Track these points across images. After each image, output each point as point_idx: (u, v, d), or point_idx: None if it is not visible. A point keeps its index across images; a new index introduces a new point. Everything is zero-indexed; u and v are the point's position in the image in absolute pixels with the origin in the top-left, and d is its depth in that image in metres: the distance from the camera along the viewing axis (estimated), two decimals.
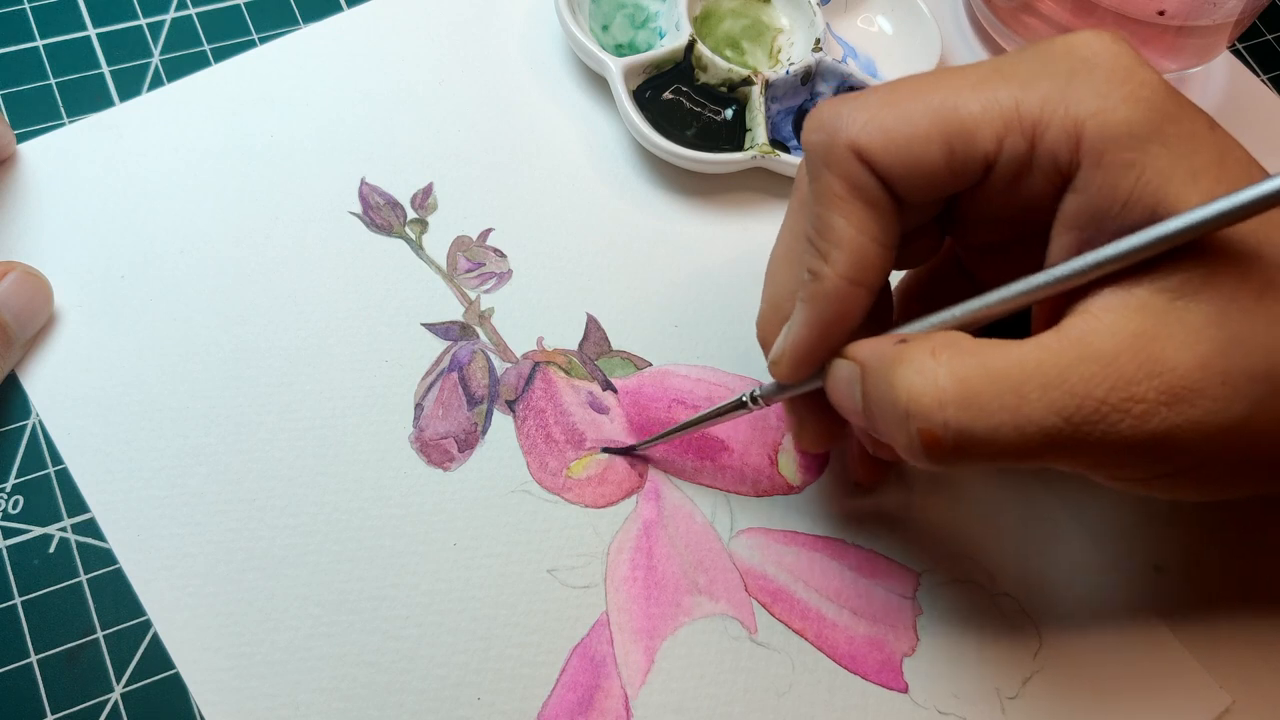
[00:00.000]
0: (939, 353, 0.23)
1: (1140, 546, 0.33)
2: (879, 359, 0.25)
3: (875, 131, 0.24)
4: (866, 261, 0.25)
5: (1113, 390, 0.22)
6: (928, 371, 0.23)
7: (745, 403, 0.30)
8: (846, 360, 0.26)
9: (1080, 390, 0.22)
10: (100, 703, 0.29)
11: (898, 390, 0.23)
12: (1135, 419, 0.22)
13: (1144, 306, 0.23)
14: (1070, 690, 0.31)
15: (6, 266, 0.32)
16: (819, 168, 0.25)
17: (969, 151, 0.24)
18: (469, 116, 0.39)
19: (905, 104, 0.25)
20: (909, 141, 0.24)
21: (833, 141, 0.25)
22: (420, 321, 0.35)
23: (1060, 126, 0.23)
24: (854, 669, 0.31)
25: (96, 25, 0.39)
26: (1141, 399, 0.22)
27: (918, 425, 0.23)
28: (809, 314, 0.26)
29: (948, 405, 0.23)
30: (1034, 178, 0.24)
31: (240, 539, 0.31)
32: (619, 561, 0.32)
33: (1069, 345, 0.23)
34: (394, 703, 0.29)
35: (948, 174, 0.25)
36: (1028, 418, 0.22)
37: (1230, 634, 0.32)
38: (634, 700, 0.30)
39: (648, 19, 0.41)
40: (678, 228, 0.38)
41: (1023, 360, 0.23)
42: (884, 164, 0.25)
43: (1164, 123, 0.23)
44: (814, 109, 0.26)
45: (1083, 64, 0.24)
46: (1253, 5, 0.38)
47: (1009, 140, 0.24)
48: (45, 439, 0.32)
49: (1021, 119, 0.24)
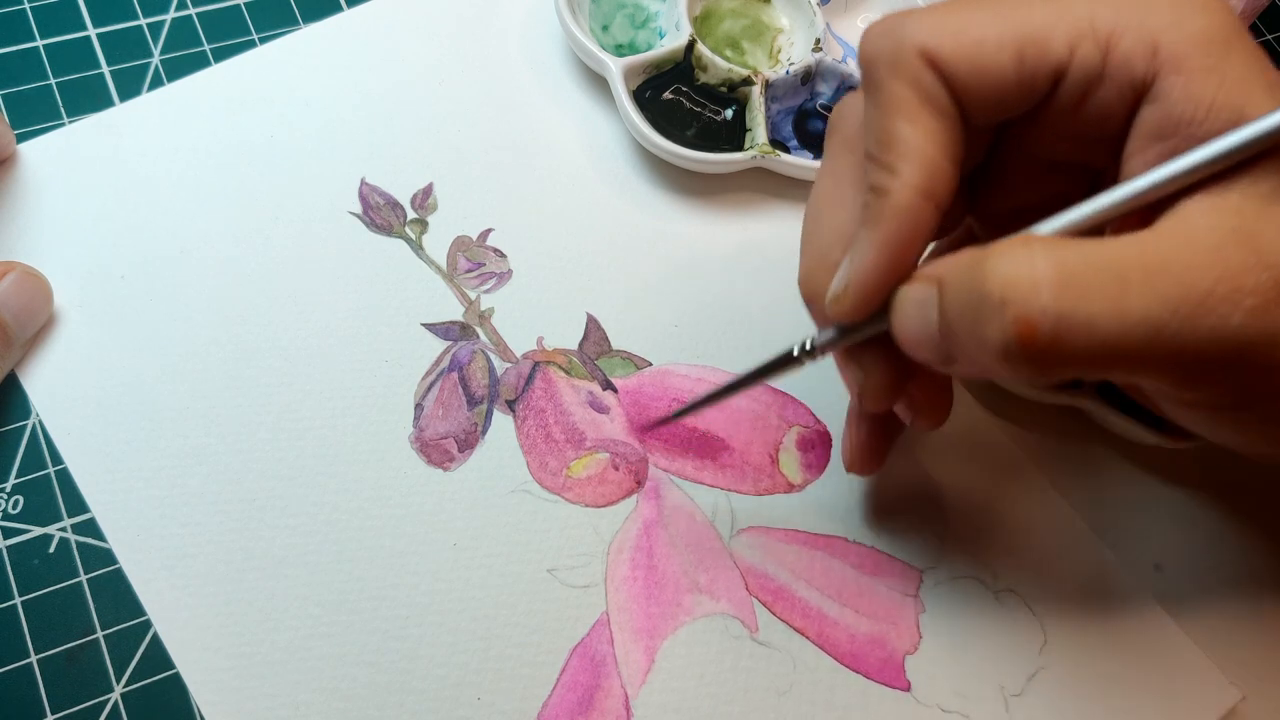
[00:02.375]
0: (1031, 243, 0.22)
1: (1141, 546, 0.33)
2: (959, 266, 0.23)
3: (945, 35, 0.24)
4: (938, 173, 0.24)
5: (1220, 280, 0.21)
6: (1022, 259, 0.22)
7: (796, 356, 0.28)
8: (916, 284, 0.24)
9: (1186, 278, 0.21)
10: (100, 703, 0.29)
11: (990, 281, 0.22)
12: (1246, 312, 0.21)
13: (1239, 209, 0.22)
14: (1076, 686, 0.31)
15: (6, 266, 0.32)
16: (883, 75, 0.25)
17: (1040, 59, 0.24)
18: (469, 116, 0.39)
19: (975, 11, 0.24)
20: (979, 46, 0.24)
21: (900, 46, 0.24)
22: (420, 321, 0.35)
23: (1136, 35, 0.23)
24: (856, 667, 0.31)
25: (96, 25, 0.39)
26: (1252, 291, 0.21)
27: (1014, 313, 0.21)
28: (877, 235, 0.24)
29: (1045, 288, 0.21)
30: (1105, 90, 0.24)
31: (240, 539, 0.31)
32: (619, 561, 0.31)
33: (1169, 237, 0.22)
34: (394, 703, 0.29)
35: (1016, 84, 0.24)
36: (1131, 306, 0.21)
37: (1239, 630, 0.32)
38: (634, 700, 0.30)
39: (648, 19, 0.41)
40: (678, 228, 0.38)
41: (1122, 251, 0.21)
42: (954, 69, 0.24)
43: (1236, 35, 0.23)
44: (875, 22, 0.25)
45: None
46: (1253, 5, 0.38)
47: (1082, 49, 0.23)
48: (45, 439, 0.32)
49: (1095, 29, 0.23)
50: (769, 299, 0.36)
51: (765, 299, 0.36)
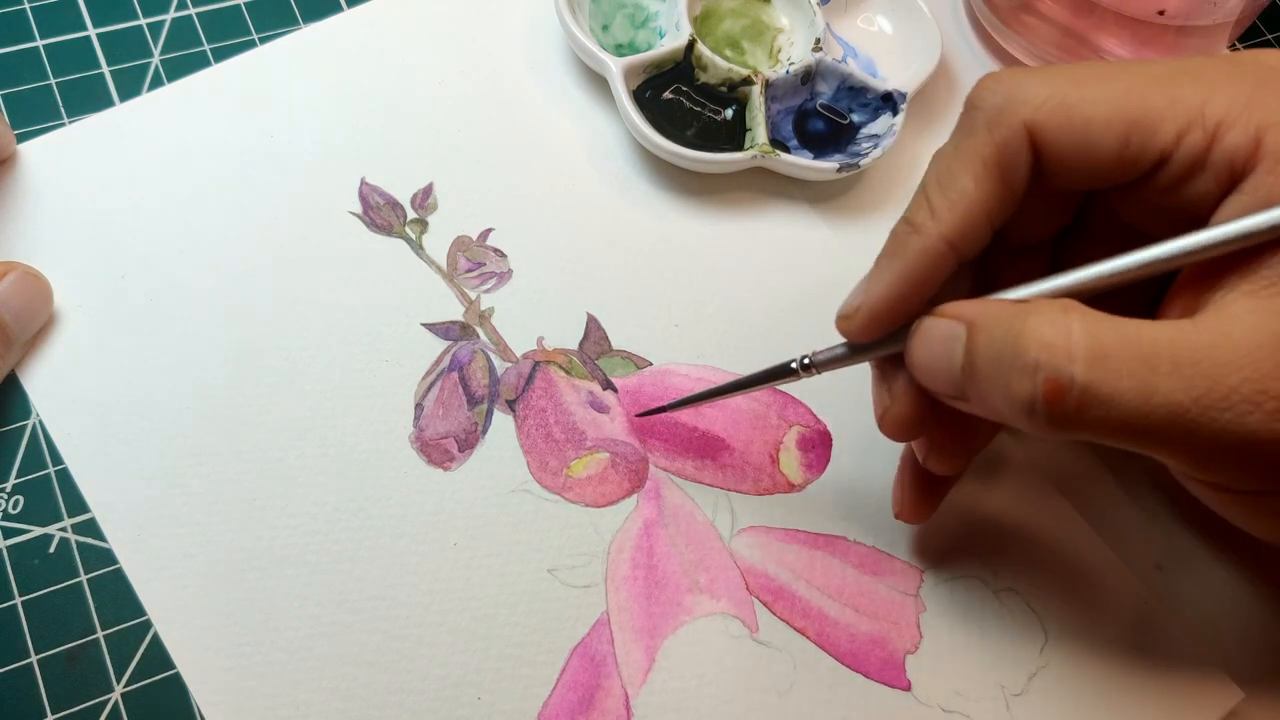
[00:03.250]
0: (1070, 311, 0.23)
1: (1141, 546, 0.33)
2: (996, 314, 0.24)
3: (1057, 109, 0.24)
4: (971, 230, 0.25)
5: (1246, 381, 0.22)
6: (1060, 324, 0.23)
7: (795, 369, 0.29)
8: (945, 319, 0.25)
9: (1213, 374, 0.22)
10: (100, 703, 0.29)
11: (1027, 340, 0.23)
12: (1265, 414, 0.22)
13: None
14: (1076, 686, 0.31)
15: (6, 266, 0.32)
16: (979, 125, 0.25)
17: (1146, 144, 0.24)
18: (469, 116, 0.39)
19: (1090, 86, 0.24)
20: (1088, 124, 0.24)
21: (1008, 108, 0.25)
22: (420, 321, 0.35)
23: (1243, 129, 0.23)
24: (856, 667, 0.31)
25: (96, 25, 0.39)
26: (1276, 395, 0.22)
27: (1045, 375, 0.22)
28: (897, 268, 0.26)
29: (1078, 360, 0.22)
30: (1203, 178, 0.24)
31: (240, 539, 0.31)
32: (619, 560, 0.31)
33: (1205, 331, 0.22)
34: (394, 703, 0.29)
35: (1117, 163, 0.24)
36: (1156, 389, 0.22)
37: (1239, 630, 0.32)
38: (634, 700, 0.30)
39: (648, 19, 0.41)
40: (678, 227, 0.38)
41: (1156, 335, 0.22)
42: (1056, 144, 0.24)
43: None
44: (994, 72, 0.26)
45: (1272, 74, 0.24)
46: (1253, 5, 0.38)
47: (1189, 137, 0.24)
48: (45, 439, 0.32)
49: (1205, 118, 0.24)
50: (769, 299, 0.36)
51: (765, 299, 0.36)
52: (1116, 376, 0.22)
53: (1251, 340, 0.22)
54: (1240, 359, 0.22)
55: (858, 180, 0.40)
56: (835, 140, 0.39)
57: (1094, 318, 0.23)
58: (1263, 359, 0.22)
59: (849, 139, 0.39)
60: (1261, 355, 0.22)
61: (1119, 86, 0.24)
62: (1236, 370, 0.22)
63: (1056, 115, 0.24)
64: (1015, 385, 0.23)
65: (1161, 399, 0.22)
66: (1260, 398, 0.22)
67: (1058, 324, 0.23)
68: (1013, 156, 0.25)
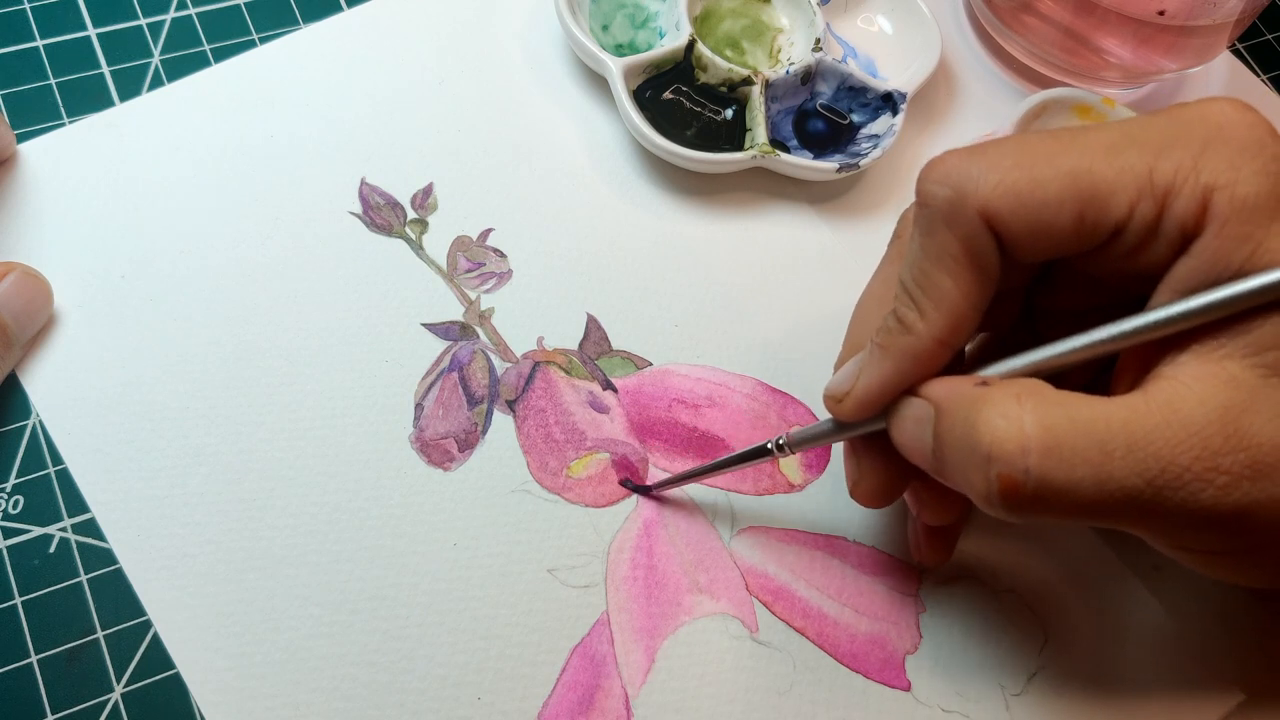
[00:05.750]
0: (1024, 399, 0.23)
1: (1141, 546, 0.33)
2: (958, 400, 0.24)
3: (1007, 195, 0.24)
4: (961, 324, 0.25)
5: (1197, 459, 0.22)
6: (1013, 416, 0.23)
7: (770, 450, 0.30)
8: (919, 400, 0.26)
9: (1165, 455, 0.22)
10: (100, 703, 0.29)
11: (980, 433, 0.23)
12: (1218, 490, 0.22)
13: (1235, 380, 0.23)
14: (1076, 686, 0.31)
15: (6, 267, 0.32)
16: (937, 223, 0.25)
17: (1099, 217, 0.24)
18: (469, 116, 0.39)
19: (1038, 167, 0.24)
20: (1041, 207, 0.24)
21: (960, 200, 0.25)
22: (420, 321, 0.35)
23: (1190, 194, 0.23)
24: (856, 667, 0.31)
25: (96, 25, 0.39)
26: (1226, 470, 0.22)
27: (998, 470, 0.23)
28: (890, 365, 0.26)
29: (1031, 452, 0.22)
30: (1157, 245, 0.24)
31: (240, 539, 0.31)
32: (619, 561, 0.31)
33: (1157, 409, 0.23)
34: (394, 703, 0.29)
35: (1073, 238, 0.24)
36: (1110, 475, 0.22)
37: (1239, 630, 0.32)
38: (634, 700, 0.30)
39: (648, 19, 0.41)
40: (678, 228, 0.38)
41: (1109, 417, 0.23)
42: (1011, 228, 0.24)
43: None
44: (935, 160, 0.26)
45: (1217, 132, 0.24)
46: (1253, 5, 0.38)
47: (1140, 206, 0.24)
48: (45, 439, 0.32)
49: (1154, 186, 0.24)
50: (769, 299, 0.36)
51: (765, 299, 0.36)
52: (1070, 466, 0.22)
53: (1201, 416, 0.22)
54: (1191, 438, 0.22)
55: (858, 180, 0.40)
56: (835, 140, 0.39)
57: (1049, 403, 0.23)
58: (1212, 435, 0.22)
59: (849, 139, 0.39)
60: (1211, 431, 0.22)
61: (1067, 163, 0.24)
62: (1187, 450, 0.22)
63: (1009, 200, 0.24)
64: (972, 477, 0.23)
65: (1117, 484, 0.22)
66: (1211, 474, 0.22)
67: (1010, 416, 0.23)
68: (980, 248, 0.25)
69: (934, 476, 0.26)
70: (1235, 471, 0.22)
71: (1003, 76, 0.43)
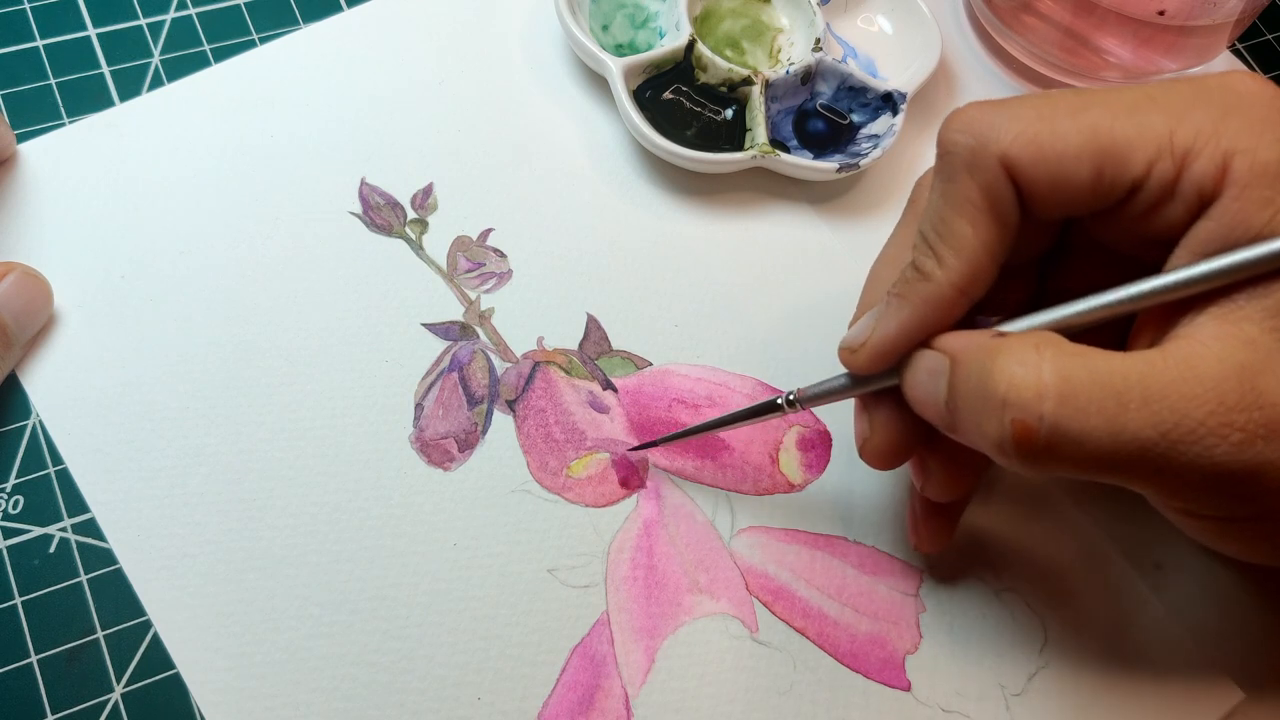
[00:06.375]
0: (1043, 348, 0.23)
1: (1141, 546, 0.33)
2: (974, 350, 0.24)
3: (1028, 144, 0.24)
4: (980, 273, 0.25)
5: (1212, 414, 0.22)
6: (1031, 364, 0.23)
7: (780, 405, 0.29)
8: (933, 351, 0.26)
9: (1181, 408, 0.22)
10: (100, 703, 0.29)
11: (996, 379, 0.23)
12: (1231, 446, 0.22)
13: (1253, 342, 0.23)
14: (1076, 686, 0.31)
15: (6, 267, 0.32)
16: (958, 170, 0.25)
17: (1118, 173, 0.24)
18: (469, 116, 0.39)
19: (1060, 120, 0.25)
20: (1060, 158, 0.24)
21: (982, 148, 0.25)
22: (420, 321, 0.35)
23: (1210, 157, 0.23)
24: (856, 667, 0.31)
25: (96, 25, 0.39)
26: (1241, 428, 0.22)
27: (1014, 415, 0.23)
28: (906, 313, 0.26)
29: (1047, 399, 0.23)
30: (1173, 205, 0.24)
31: (240, 539, 0.31)
32: (619, 561, 0.31)
33: (1174, 364, 0.23)
34: (394, 703, 0.29)
35: (1091, 194, 0.25)
36: (1125, 426, 0.22)
37: (1239, 630, 0.32)
38: (634, 700, 0.30)
39: (648, 19, 0.41)
40: (678, 228, 0.38)
41: (1126, 370, 0.23)
42: (1031, 178, 0.25)
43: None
44: (958, 110, 0.26)
45: (1239, 101, 0.24)
46: (1253, 5, 0.38)
47: (1159, 166, 0.24)
48: (45, 439, 0.32)
49: (1174, 146, 0.24)
50: (769, 299, 0.36)
51: (765, 299, 0.36)
52: (1085, 414, 0.22)
53: (1217, 372, 0.22)
54: (1206, 393, 0.22)
55: (858, 180, 0.40)
56: (835, 140, 0.39)
57: (1066, 354, 0.23)
58: (1228, 391, 0.22)
59: (849, 139, 0.39)
60: (1227, 388, 0.22)
61: (1088, 118, 0.25)
62: (1203, 404, 0.22)
63: (1029, 150, 0.25)
64: (986, 424, 0.24)
65: (1130, 435, 0.22)
66: (1226, 430, 0.22)
67: (1028, 363, 0.23)
68: (1000, 196, 0.25)
69: (945, 432, 0.26)
70: (1250, 429, 0.22)
71: (1003, 76, 0.43)
